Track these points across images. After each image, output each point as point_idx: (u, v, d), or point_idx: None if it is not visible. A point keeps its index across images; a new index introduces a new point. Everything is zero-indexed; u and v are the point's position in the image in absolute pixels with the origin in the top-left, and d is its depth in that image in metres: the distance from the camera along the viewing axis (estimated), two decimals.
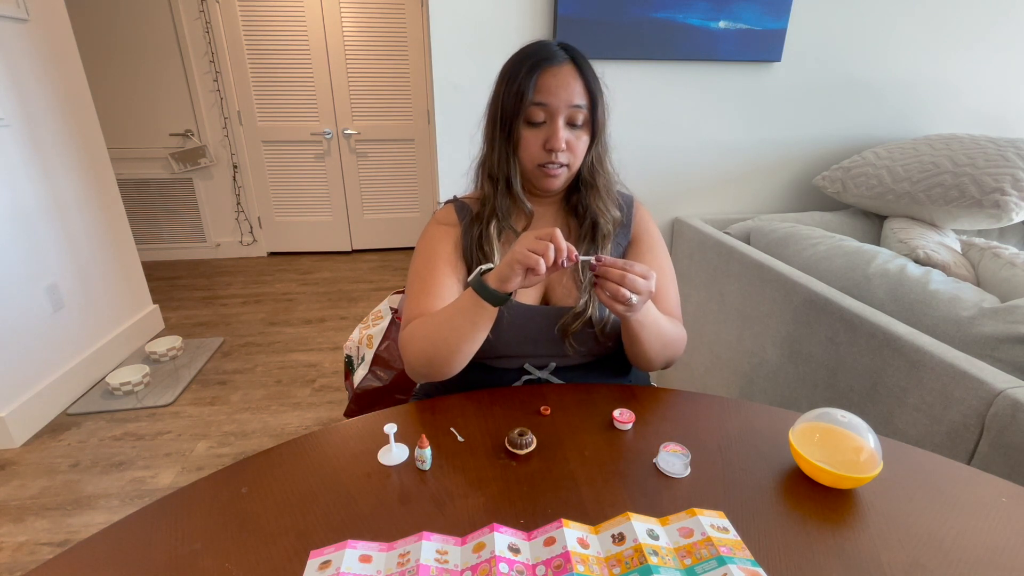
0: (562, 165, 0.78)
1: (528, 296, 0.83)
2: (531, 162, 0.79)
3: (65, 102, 2.03)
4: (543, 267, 0.63)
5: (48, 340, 1.89)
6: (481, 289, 0.68)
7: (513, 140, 0.79)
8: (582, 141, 0.79)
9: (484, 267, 0.72)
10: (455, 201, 0.89)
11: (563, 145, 0.76)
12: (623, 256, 0.88)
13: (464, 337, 0.72)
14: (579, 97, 0.76)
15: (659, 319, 0.77)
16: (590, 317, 0.79)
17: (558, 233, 0.64)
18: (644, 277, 0.64)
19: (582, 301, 0.80)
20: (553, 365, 0.84)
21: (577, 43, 0.80)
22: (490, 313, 0.70)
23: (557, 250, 0.63)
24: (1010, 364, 0.86)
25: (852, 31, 1.64)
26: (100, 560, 0.50)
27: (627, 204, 0.90)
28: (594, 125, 0.79)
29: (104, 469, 1.63)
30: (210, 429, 1.82)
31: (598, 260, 0.66)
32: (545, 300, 0.85)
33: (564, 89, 0.75)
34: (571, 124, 0.77)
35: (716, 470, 0.62)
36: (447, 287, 0.81)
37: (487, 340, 0.75)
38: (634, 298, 0.64)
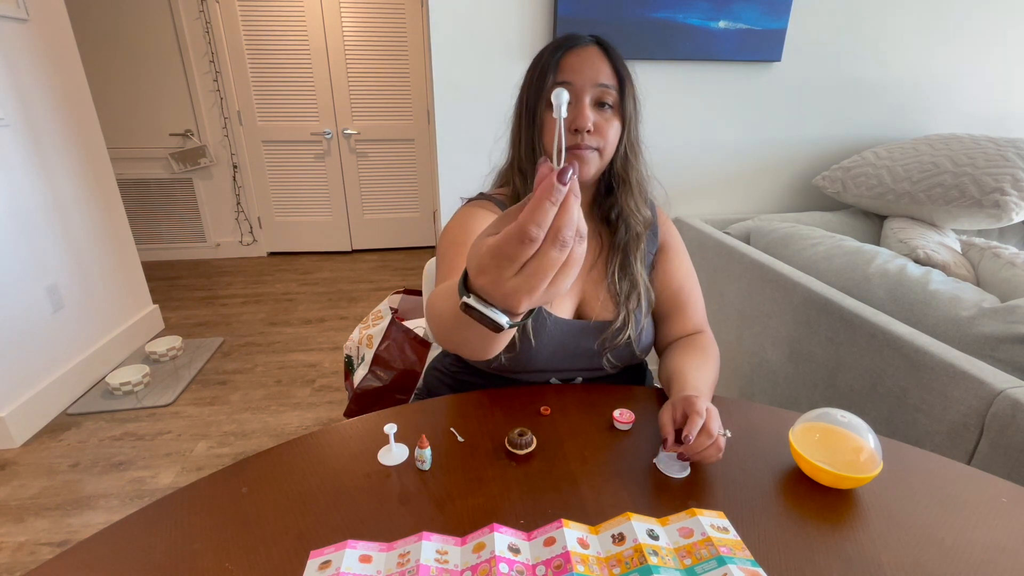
0: (592, 149, 0.72)
1: (563, 309, 0.79)
2: None
3: (65, 102, 2.02)
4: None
5: (48, 340, 1.89)
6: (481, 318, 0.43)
7: (537, 125, 0.74)
8: (612, 126, 0.73)
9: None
10: (488, 196, 0.82)
11: (590, 124, 0.70)
12: (654, 263, 0.85)
13: (477, 353, 0.51)
14: (606, 77, 0.71)
15: (713, 382, 0.74)
16: (629, 332, 0.77)
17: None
18: (710, 435, 0.58)
19: (620, 316, 0.77)
20: (580, 379, 0.82)
21: None
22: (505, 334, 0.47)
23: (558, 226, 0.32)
24: (1010, 364, 0.86)
25: (852, 31, 1.64)
26: (100, 560, 0.49)
27: (652, 210, 0.87)
28: (624, 110, 0.74)
29: (104, 469, 1.63)
30: (210, 429, 1.82)
31: (682, 456, 0.61)
32: (579, 314, 0.81)
33: (589, 67, 0.71)
34: (599, 104, 0.72)
35: (716, 470, 0.62)
36: None
37: (520, 354, 0.73)
38: (722, 439, 0.59)
